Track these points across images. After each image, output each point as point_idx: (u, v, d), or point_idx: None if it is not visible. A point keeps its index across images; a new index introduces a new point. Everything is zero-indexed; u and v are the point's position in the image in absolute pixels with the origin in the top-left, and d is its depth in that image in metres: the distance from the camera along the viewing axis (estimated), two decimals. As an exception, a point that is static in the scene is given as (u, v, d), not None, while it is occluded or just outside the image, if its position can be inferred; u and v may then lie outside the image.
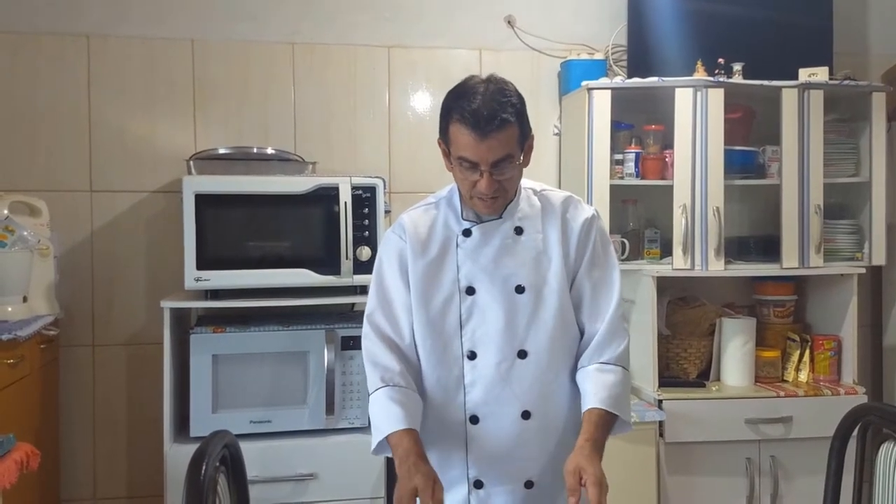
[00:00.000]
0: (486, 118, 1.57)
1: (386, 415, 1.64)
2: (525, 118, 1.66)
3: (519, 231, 1.72)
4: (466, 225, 1.73)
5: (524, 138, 1.66)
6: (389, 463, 2.63)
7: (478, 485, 1.72)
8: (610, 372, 1.68)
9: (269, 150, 2.96)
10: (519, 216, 1.73)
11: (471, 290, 1.71)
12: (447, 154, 1.69)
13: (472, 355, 1.70)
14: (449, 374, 1.71)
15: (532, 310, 1.70)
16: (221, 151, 2.90)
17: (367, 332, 1.77)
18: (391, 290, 1.76)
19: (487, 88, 1.61)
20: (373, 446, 1.68)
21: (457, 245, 1.73)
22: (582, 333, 1.75)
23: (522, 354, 1.69)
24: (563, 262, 1.71)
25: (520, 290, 1.70)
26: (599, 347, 1.71)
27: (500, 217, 1.72)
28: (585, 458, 1.53)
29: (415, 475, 1.52)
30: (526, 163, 1.69)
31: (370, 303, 1.78)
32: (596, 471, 1.50)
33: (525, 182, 1.76)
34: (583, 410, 1.66)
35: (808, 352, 3.08)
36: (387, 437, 1.62)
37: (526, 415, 1.69)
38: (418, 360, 1.74)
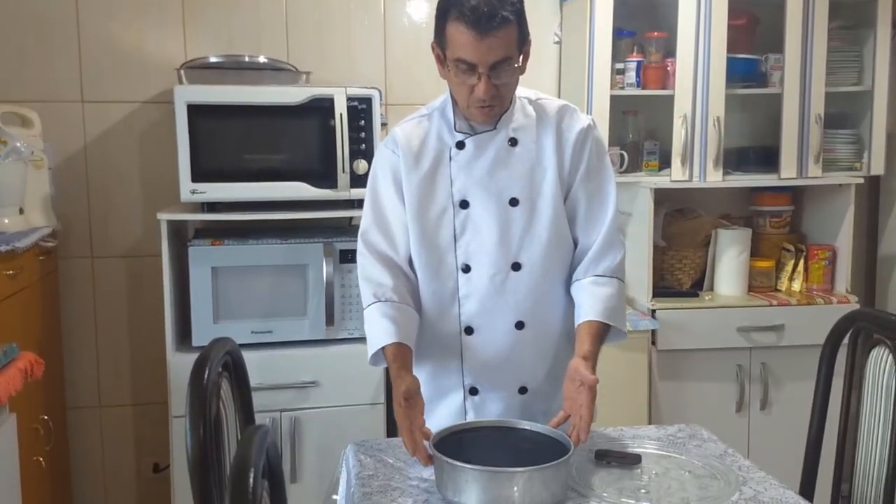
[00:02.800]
0: (486, 15, 1.52)
1: (377, 329, 1.67)
2: (524, 20, 1.61)
3: (513, 142, 1.70)
4: (460, 137, 1.70)
5: (523, 41, 1.62)
6: (389, 371, 2.69)
7: (473, 391, 1.75)
8: (605, 284, 1.70)
9: (262, 59, 2.89)
10: (513, 126, 1.70)
11: (465, 204, 1.70)
12: (441, 59, 1.64)
13: (467, 268, 1.71)
14: (443, 287, 1.73)
15: (526, 222, 1.69)
16: (212, 60, 2.84)
17: (361, 250, 1.77)
18: (386, 206, 1.75)
19: None
20: (369, 357, 1.71)
21: (450, 158, 1.71)
22: (576, 245, 1.75)
23: (516, 267, 1.70)
24: (558, 173, 1.69)
25: (514, 202, 1.69)
26: (595, 259, 1.72)
27: (495, 128, 1.69)
28: (585, 367, 1.57)
29: (396, 395, 1.58)
30: (522, 69, 1.65)
31: (364, 220, 1.78)
32: (591, 378, 1.55)
33: (520, 91, 1.72)
34: (578, 321, 1.68)
35: (802, 261, 3.11)
36: (382, 350, 1.65)
37: (520, 325, 1.71)
38: (415, 275, 1.75)
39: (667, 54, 2.98)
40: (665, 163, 3.03)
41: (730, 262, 3.06)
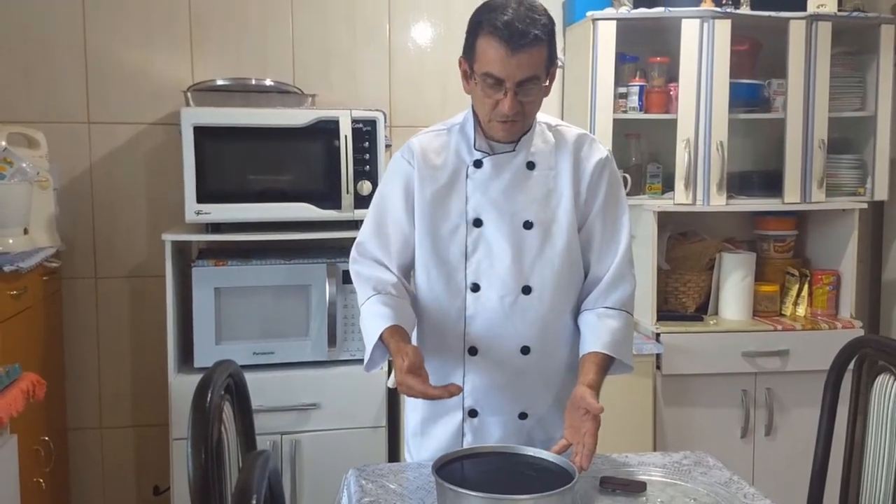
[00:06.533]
0: (519, 32, 1.53)
1: (373, 317, 1.64)
2: (554, 42, 1.62)
3: (531, 166, 1.70)
4: (478, 155, 1.70)
5: (551, 63, 1.62)
6: (391, 393, 2.69)
7: (472, 414, 1.74)
8: (613, 317, 1.69)
9: (268, 82, 2.91)
10: (532, 150, 1.70)
11: (478, 223, 1.69)
12: (467, 75, 1.65)
13: (476, 288, 1.70)
14: (450, 305, 1.72)
15: (539, 246, 1.69)
16: (219, 83, 2.86)
17: (354, 258, 1.77)
18: (390, 215, 1.74)
19: (520, 5, 1.57)
20: (365, 360, 1.68)
21: (467, 175, 1.71)
22: (587, 274, 1.75)
23: (527, 290, 1.69)
24: (574, 200, 1.70)
25: (528, 225, 1.69)
26: (604, 292, 1.72)
27: (514, 149, 1.69)
28: (591, 396, 1.56)
29: (400, 372, 1.54)
30: (548, 91, 1.65)
31: (364, 229, 1.77)
32: (596, 407, 1.54)
33: (540, 116, 1.73)
34: (582, 352, 1.68)
35: (806, 286, 3.10)
36: (380, 339, 1.62)
37: (525, 350, 1.70)
38: (412, 289, 1.75)
39: (669, 79, 3.00)
40: (668, 186, 3.03)
41: (734, 287, 3.05)
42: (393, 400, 2.73)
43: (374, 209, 1.78)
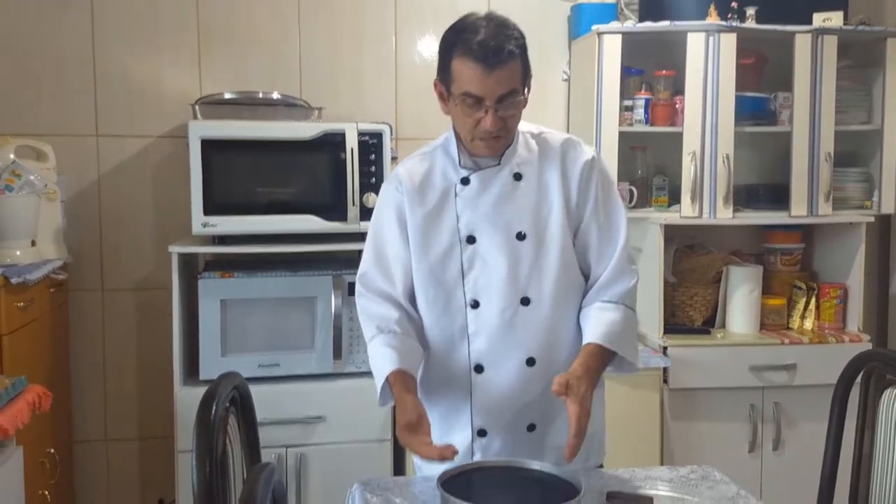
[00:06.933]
0: (493, 49, 1.55)
1: (379, 360, 1.66)
2: (527, 54, 1.63)
3: (518, 177, 1.70)
4: (464, 173, 1.71)
5: (526, 75, 1.64)
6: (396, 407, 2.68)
7: (481, 433, 1.73)
8: (610, 310, 1.68)
9: (275, 95, 2.93)
10: (517, 161, 1.70)
11: (472, 239, 1.70)
12: (443, 96, 1.66)
13: (475, 304, 1.70)
14: (452, 324, 1.71)
15: (534, 256, 1.69)
16: (227, 96, 2.88)
17: (360, 291, 1.78)
18: (388, 244, 1.75)
19: (490, 22, 1.59)
20: (378, 397, 1.70)
21: (455, 194, 1.71)
22: (586, 277, 1.74)
23: (525, 301, 1.69)
24: (565, 206, 1.70)
25: (521, 236, 1.69)
26: (603, 287, 1.71)
27: (499, 163, 1.70)
28: (576, 378, 1.54)
29: (400, 424, 1.57)
30: (525, 102, 1.66)
31: (365, 261, 1.78)
32: (581, 390, 1.52)
33: (522, 125, 1.73)
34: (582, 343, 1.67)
35: (813, 300, 3.09)
36: (387, 381, 1.64)
37: (530, 361, 1.70)
38: (417, 314, 1.75)
39: (675, 92, 3.00)
40: (674, 199, 3.03)
41: (741, 300, 3.04)
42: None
43: (372, 240, 1.79)
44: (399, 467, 2.72)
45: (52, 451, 2.56)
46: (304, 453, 2.63)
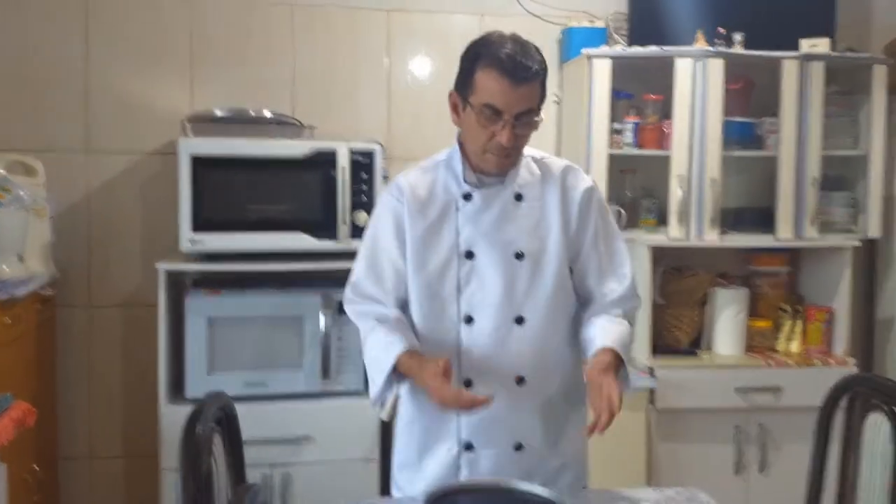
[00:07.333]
0: (521, 65, 1.58)
1: (386, 344, 1.67)
2: (546, 80, 1.66)
3: (519, 197, 1.72)
4: (467, 189, 1.72)
5: (542, 100, 1.66)
6: (384, 426, 2.67)
7: (468, 447, 1.73)
8: (621, 323, 1.72)
9: (267, 113, 2.93)
10: (519, 182, 1.73)
11: (470, 255, 1.71)
12: (457, 107, 1.68)
13: (469, 320, 1.70)
14: (444, 338, 1.72)
15: (530, 277, 1.70)
16: (218, 113, 2.88)
17: (351, 298, 1.79)
18: (383, 252, 1.76)
19: (517, 41, 1.62)
20: (372, 393, 1.69)
21: (457, 209, 1.72)
22: (589, 297, 1.77)
23: (519, 321, 1.70)
24: (563, 230, 1.72)
25: (519, 256, 1.70)
26: (614, 304, 1.75)
27: (503, 182, 1.72)
28: (603, 367, 1.59)
29: (425, 373, 1.59)
30: (537, 126, 1.68)
31: (358, 269, 1.79)
32: (615, 391, 1.56)
33: (525, 149, 1.75)
34: (590, 352, 1.68)
35: (800, 322, 3.10)
36: (395, 366, 1.64)
37: (520, 380, 1.71)
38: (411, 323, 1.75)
39: (664, 116, 3.03)
40: (662, 220, 3.05)
41: (727, 322, 3.06)
42: (386, 433, 2.71)
43: (366, 249, 1.79)
44: (386, 488, 2.70)
45: (37, 467, 2.54)
46: (290, 473, 2.62)
